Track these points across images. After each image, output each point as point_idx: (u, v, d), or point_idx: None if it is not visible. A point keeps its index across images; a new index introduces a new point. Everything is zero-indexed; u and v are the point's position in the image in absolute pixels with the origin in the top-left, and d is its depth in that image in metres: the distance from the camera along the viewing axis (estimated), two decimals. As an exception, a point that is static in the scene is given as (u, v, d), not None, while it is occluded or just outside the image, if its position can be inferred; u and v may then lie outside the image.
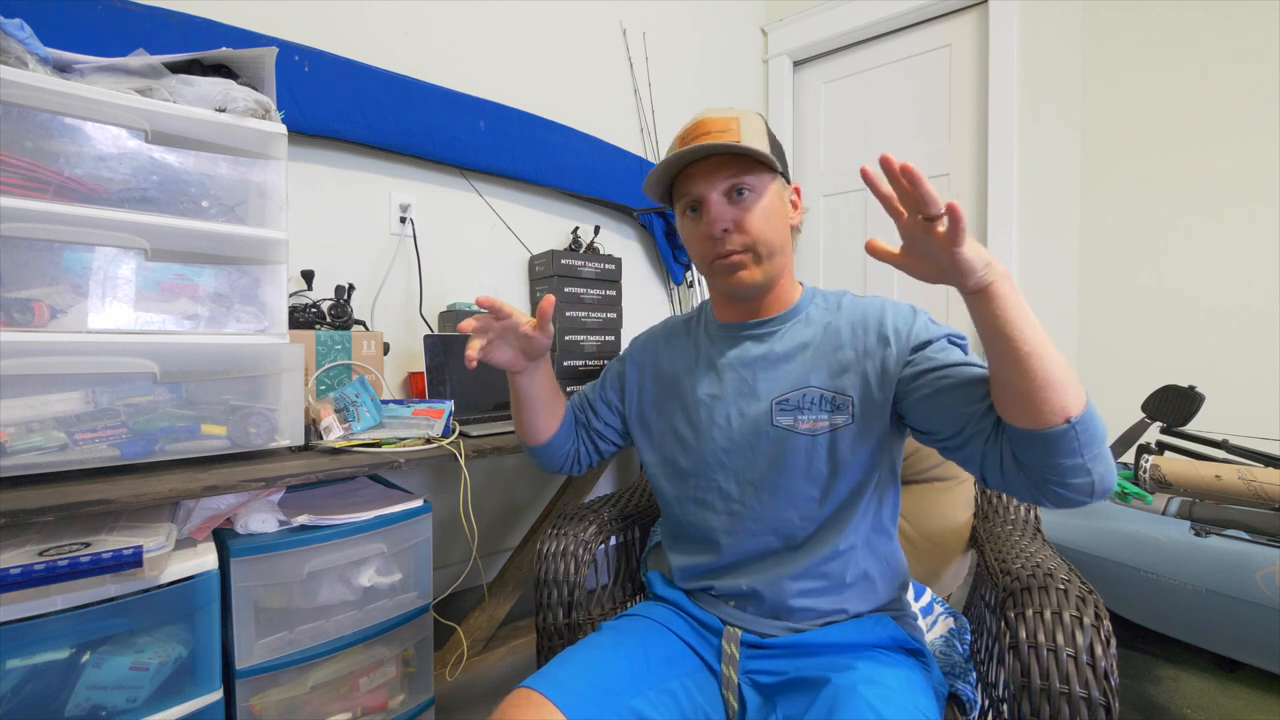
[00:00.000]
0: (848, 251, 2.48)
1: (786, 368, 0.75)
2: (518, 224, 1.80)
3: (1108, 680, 0.57)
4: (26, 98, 0.78)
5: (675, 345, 0.88)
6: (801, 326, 0.77)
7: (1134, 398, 1.57)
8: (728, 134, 0.71)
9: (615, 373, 0.95)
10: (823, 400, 0.72)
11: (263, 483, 0.84)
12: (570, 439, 0.93)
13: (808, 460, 0.72)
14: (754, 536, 0.76)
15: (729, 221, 0.72)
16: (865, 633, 0.72)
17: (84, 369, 0.83)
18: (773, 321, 0.79)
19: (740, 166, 0.71)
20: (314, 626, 0.93)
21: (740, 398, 0.77)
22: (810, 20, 2.47)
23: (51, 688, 0.71)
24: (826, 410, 0.72)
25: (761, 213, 0.72)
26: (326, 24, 1.41)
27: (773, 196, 0.73)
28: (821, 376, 0.73)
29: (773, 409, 0.74)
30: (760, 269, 0.74)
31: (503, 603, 1.42)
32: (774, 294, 0.78)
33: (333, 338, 1.19)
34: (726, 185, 0.72)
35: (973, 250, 0.52)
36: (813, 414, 0.72)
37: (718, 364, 0.80)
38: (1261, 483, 1.28)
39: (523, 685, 0.65)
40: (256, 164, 0.98)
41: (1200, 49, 1.71)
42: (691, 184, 0.74)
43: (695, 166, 0.73)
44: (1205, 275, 1.71)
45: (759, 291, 0.76)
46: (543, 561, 0.88)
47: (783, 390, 0.74)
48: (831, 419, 0.71)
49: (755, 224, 0.72)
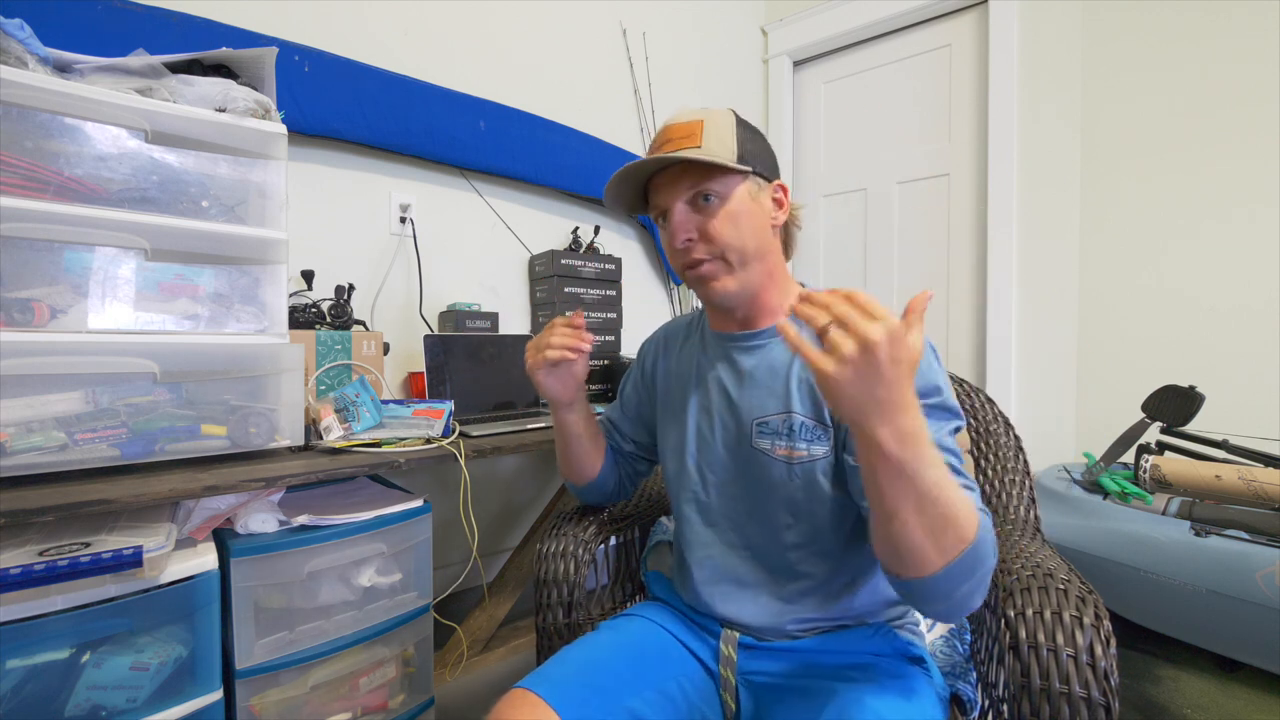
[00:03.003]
0: (847, 251, 2.48)
1: (771, 387, 0.72)
2: (518, 224, 1.80)
3: (1108, 680, 0.57)
4: (26, 98, 0.78)
5: (675, 350, 0.87)
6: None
7: (1134, 398, 1.57)
8: (690, 139, 0.68)
9: (633, 382, 0.93)
10: (803, 429, 0.69)
11: (263, 483, 0.84)
12: (614, 470, 0.92)
13: (784, 486, 0.70)
14: (735, 550, 0.75)
15: (692, 230, 0.69)
16: (866, 643, 0.71)
17: (84, 369, 0.83)
18: (761, 335, 0.75)
19: (702, 172, 0.68)
20: (314, 626, 0.93)
21: (724, 412, 0.76)
22: (810, 20, 2.47)
23: (51, 688, 0.71)
24: (806, 440, 0.68)
25: (727, 218, 0.68)
26: (326, 24, 1.41)
27: (742, 200, 0.69)
28: (805, 403, 0.69)
29: (752, 430, 0.72)
30: (734, 277, 0.70)
31: (503, 603, 1.42)
32: (760, 301, 0.74)
33: (333, 338, 1.19)
34: (689, 194, 0.69)
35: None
36: (790, 441, 0.69)
37: (707, 377, 0.79)
38: (1261, 483, 1.28)
39: (519, 685, 0.65)
40: (256, 164, 0.98)
41: (1200, 49, 1.71)
42: (657, 195, 0.72)
43: (660, 176, 0.71)
44: (1205, 275, 1.71)
45: (737, 300, 0.72)
46: (542, 561, 0.88)
47: (763, 412, 0.72)
48: (810, 449, 0.68)
49: (721, 230, 0.68)
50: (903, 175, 2.32)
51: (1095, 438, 1.84)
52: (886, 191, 2.37)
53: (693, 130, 0.68)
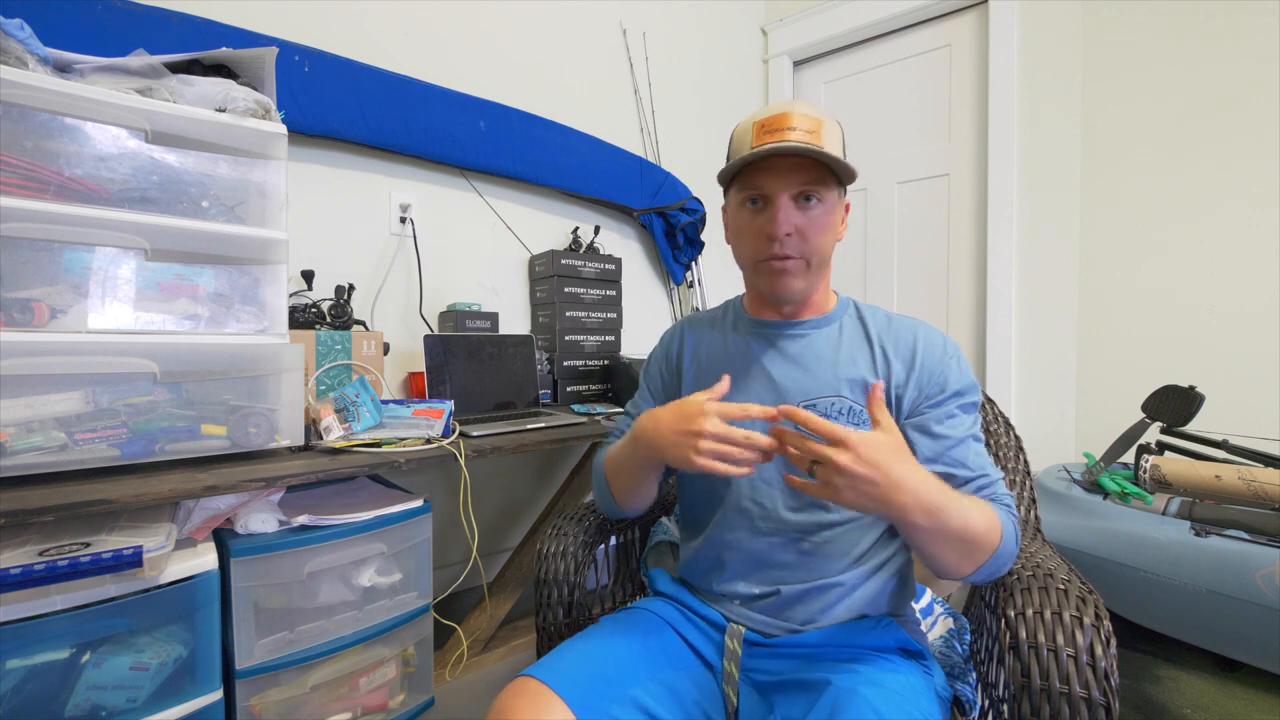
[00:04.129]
0: (848, 252, 2.48)
1: (817, 371, 0.75)
2: (518, 224, 1.80)
3: (1108, 680, 0.57)
4: (26, 98, 0.78)
5: (703, 337, 0.86)
6: (834, 334, 0.77)
7: (1134, 398, 1.57)
8: (814, 136, 0.68)
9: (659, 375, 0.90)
10: (851, 413, 0.72)
11: (263, 483, 0.84)
12: (663, 483, 0.88)
13: None
14: (764, 537, 0.75)
15: (793, 226, 0.70)
16: (868, 635, 0.71)
17: (84, 369, 0.83)
18: (805, 324, 0.78)
19: (816, 174, 0.70)
20: (314, 626, 0.93)
21: (766, 392, 0.76)
22: (810, 20, 2.47)
23: (51, 688, 0.71)
24: (853, 423, 0.71)
25: (823, 224, 0.71)
26: (326, 24, 1.41)
27: (833, 209, 0.72)
28: (852, 388, 0.73)
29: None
30: (806, 278, 0.73)
31: (503, 603, 1.42)
32: (811, 300, 0.77)
33: (333, 338, 1.19)
34: (798, 189, 0.70)
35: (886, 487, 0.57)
36: (839, 423, 0.68)
37: (747, 358, 0.79)
38: (1261, 483, 1.28)
39: (523, 674, 0.65)
40: (256, 164, 0.98)
41: (1201, 49, 1.71)
42: (762, 177, 0.71)
43: (770, 160, 0.70)
44: (1205, 275, 1.71)
45: (798, 299, 0.75)
46: (543, 561, 0.88)
47: (811, 394, 0.74)
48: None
49: (815, 234, 0.71)
50: (903, 175, 2.32)
51: (1095, 438, 1.84)
52: (886, 191, 2.37)
53: (816, 127, 0.69)
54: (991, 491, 0.69)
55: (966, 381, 0.72)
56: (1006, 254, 2.02)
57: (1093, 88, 1.88)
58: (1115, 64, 1.84)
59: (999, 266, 2.03)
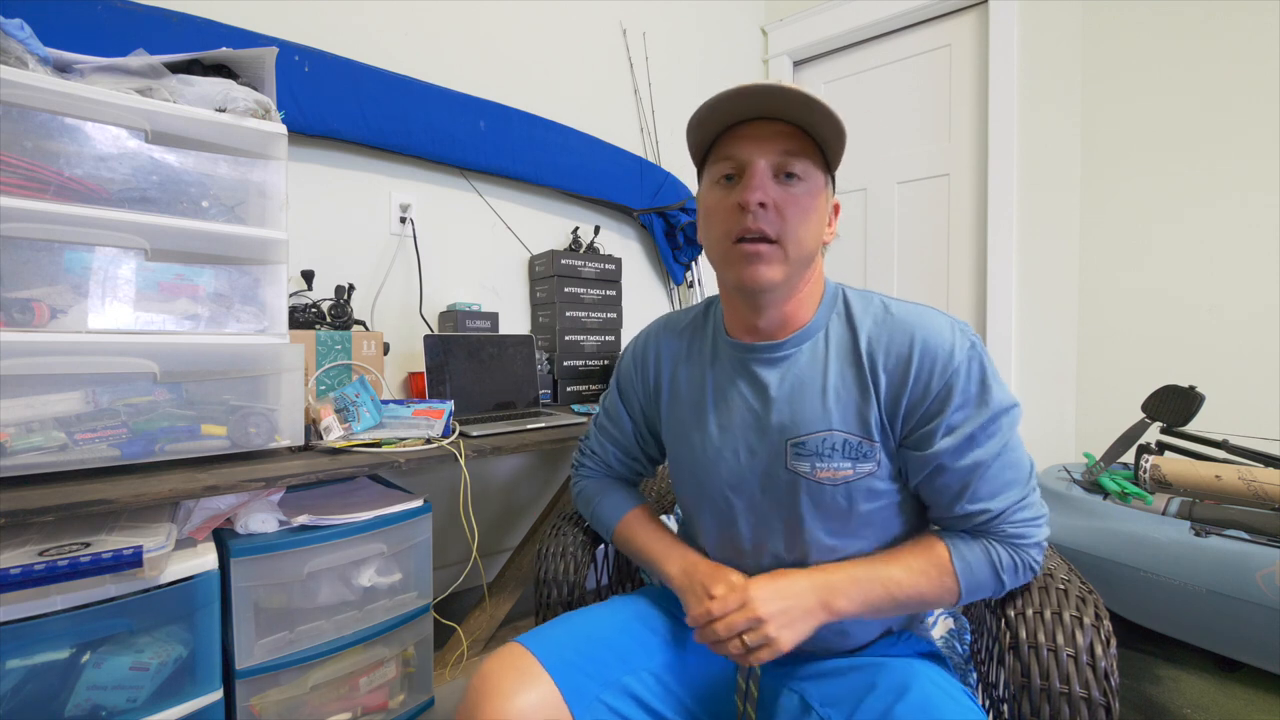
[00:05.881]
0: (848, 252, 2.48)
1: (803, 402, 0.65)
2: (518, 224, 1.80)
3: (1108, 680, 0.57)
4: (26, 98, 0.78)
5: (680, 355, 0.78)
6: (818, 349, 0.67)
7: (1134, 398, 1.57)
8: (806, 109, 0.59)
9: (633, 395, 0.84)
10: (846, 446, 0.63)
11: (263, 483, 0.84)
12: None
13: (827, 509, 0.65)
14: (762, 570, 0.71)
15: (769, 198, 0.60)
16: (892, 647, 0.71)
17: (84, 369, 0.83)
18: (784, 345, 0.67)
19: (799, 145, 0.61)
20: (314, 626, 0.93)
21: (749, 432, 0.68)
22: (810, 20, 2.47)
23: (51, 688, 0.71)
24: (850, 458, 0.63)
25: (806, 207, 0.62)
26: (326, 24, 1.41)
27: (819, 196, 0.63)
28: (845, 418, 0.64)
29: (786, 452, 0.65)
30: (782, 268, 0.62)
31: (503, 603, 1.42)
32: (790, 307, 0.67)
33: (333, 338, 1.19)
34: (778, 157, 0.61)
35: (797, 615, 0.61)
36: (834, 462, 0.64)
37: (726, 392, 0.71)
38: (1261, 483, 1.28)
39: (516, 640, 0.65)
40: (256, 164, 0.98)
41: (1201, 48, 1.71)
42: (736, 145, 0.62)
43: (747, 128, 0.62)
44: (1205, 275, 1.71)
45: (773, 295, 0.64)
46: (543, 561, 0.88)
47: (799, 431, 0.65)
48: (856, 467, 0.63)
49: (796, 215, 0.61)
50: (903, 175, 2.32)
51: (1095, 438, 1.84)
52: (886, 191, 2.37)
53: (808, 99, 0.60)
54: (991, 525, 0.62)
55: (976, 392, 0.60)
56: (1006, 254, 2.02)
57: (1093, 87, 1.88)
58: (1115, 64, 1.84)
59: (999, 266, 2.03)
